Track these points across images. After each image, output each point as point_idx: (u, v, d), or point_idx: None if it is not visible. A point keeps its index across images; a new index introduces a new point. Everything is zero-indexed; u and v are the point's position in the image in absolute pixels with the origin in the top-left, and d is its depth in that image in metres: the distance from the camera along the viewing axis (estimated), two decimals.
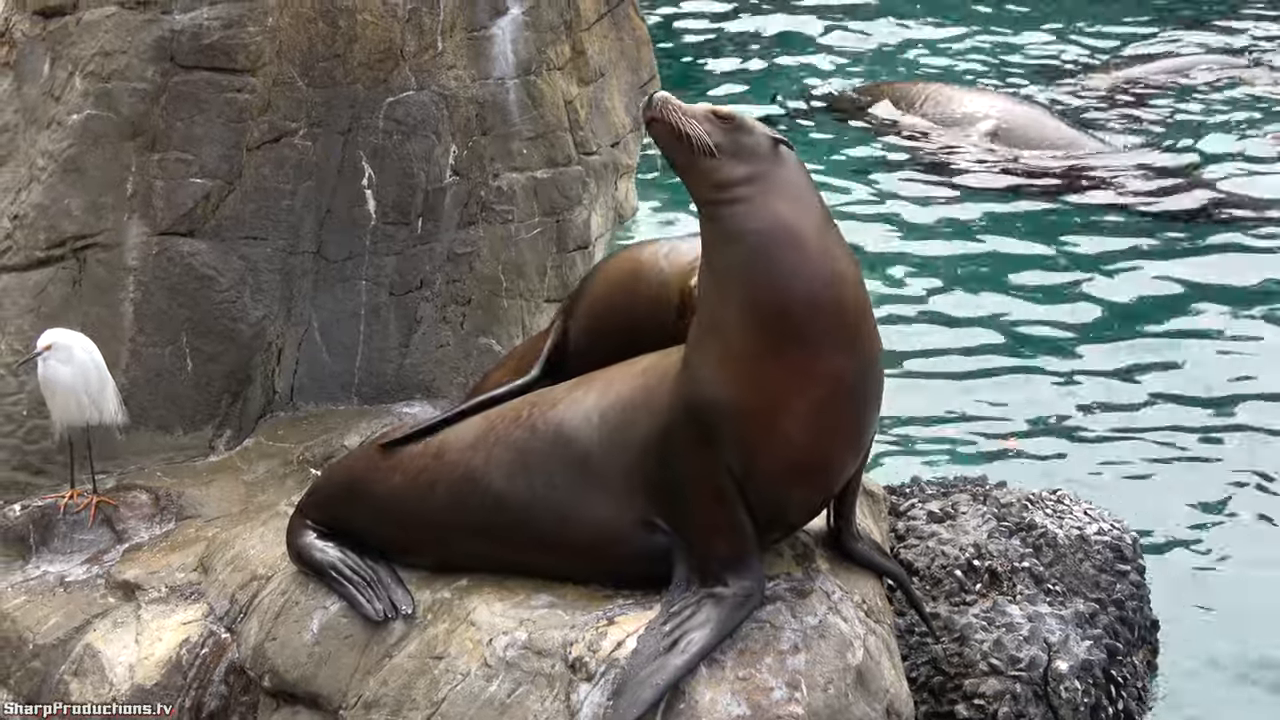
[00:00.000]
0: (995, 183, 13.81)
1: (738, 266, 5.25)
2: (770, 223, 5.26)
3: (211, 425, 7.52)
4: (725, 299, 5.27)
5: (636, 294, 5.97)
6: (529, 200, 7.98)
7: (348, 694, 5.71)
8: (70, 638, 6.41)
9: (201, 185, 7.32)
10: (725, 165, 5.32)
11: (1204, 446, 9.74)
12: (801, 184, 5.42)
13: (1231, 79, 16.23)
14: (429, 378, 7.86)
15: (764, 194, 5.31)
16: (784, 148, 5.43)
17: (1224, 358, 10.77)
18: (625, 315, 5.98)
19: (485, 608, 5.59)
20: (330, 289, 7.68)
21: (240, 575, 6.36)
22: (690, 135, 5.29)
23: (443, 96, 7.67)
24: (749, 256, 5.24)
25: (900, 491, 7.45)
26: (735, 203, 5.30)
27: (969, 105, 15.09)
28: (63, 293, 7.25)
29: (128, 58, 7.20)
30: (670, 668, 5.08)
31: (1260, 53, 17.03)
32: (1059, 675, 6.49)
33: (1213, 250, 12.44)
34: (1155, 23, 18.21)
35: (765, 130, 5.44)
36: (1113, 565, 7.03)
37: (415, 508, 5.89)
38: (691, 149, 5.31)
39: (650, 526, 5.40)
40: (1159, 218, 12.96)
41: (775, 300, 5.20)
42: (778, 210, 5.29)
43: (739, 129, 5.37)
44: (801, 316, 5.19)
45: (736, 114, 5.43)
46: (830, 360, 5.20)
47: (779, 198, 5.31)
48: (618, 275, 6.15)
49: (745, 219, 5.28)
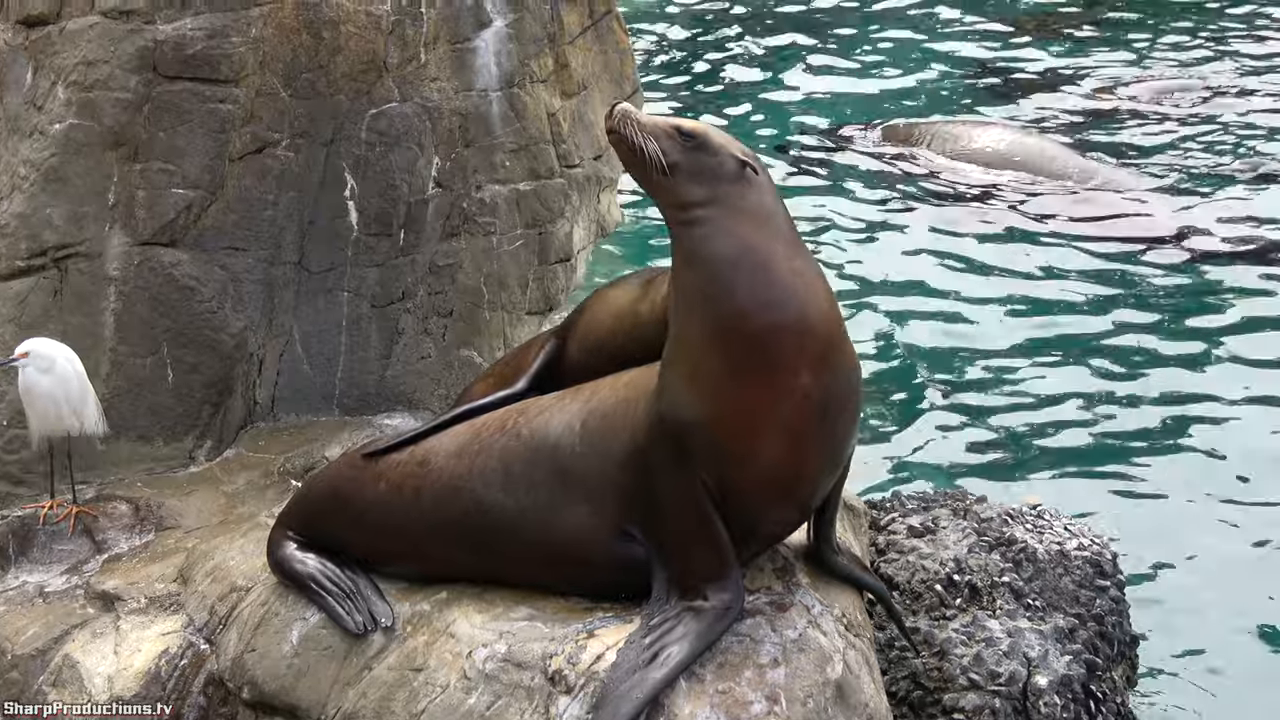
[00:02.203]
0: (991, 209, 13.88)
1: (699, 288, 5.23)
2: (730, 246, 5.21)
3: (192, 436, 7.51)
4: (689, 319, 5.26)
5: (638, 322, 5.95)
6: (511, 212, 7.97)
7: (327, 706, 5.70)
8: (49, 648, 6.39)
9: (183, 195, 7.31)
10: (682, 185, 5.26)
11: (1185, 464, 9.78)
12: (767, 206, 5.34)
13: (1236, 101, 16.33)
14: (410, 389, 7.85)
15: (725, 217, 5.25)
16: (750, 170, 5.34)
17: (1208, 378, 10.81)
18: (626, 340, 5.96)
19: (465, 620, 5.59)
20: (312, 300, 7.68)
21: (220, 586, 6.35)
22: (645, 151, 5.24)
23: (425, 108, 7.67)
24: (709, 279, 5.21)
25: (881, 506, 7.46)
26: (695, 224, 5.26)
27: (977, 140, 15.20)
28: (44, 302, 7.24)
29: (110, 67, 7.20)
30: (650, 681, 5.07)
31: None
32: (1038, 690, 6.50)
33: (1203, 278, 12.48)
34: (1166, 45, 18.28)
35: (732, 150, 5.35)
36: (1092, 580, 7.04)
37: (398, 516, 5.88)
38: (646, 165, 5.27)
39: (630, 538, 5.40)
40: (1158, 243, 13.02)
41: (735, 324, 5.17)
42: (739, 233, 5.23)
43: (700, 148, 5.30)
44: (763, 340, 5.16)
45: (701, 131, 5.35)
46: (797, 380, 5.17)
47: (741, 221, 5.25)
48: (621, 301, 6.13)
49: (705, 241, 5.24)
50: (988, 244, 13.03)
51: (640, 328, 5.88)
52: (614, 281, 6.39)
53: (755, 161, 5.39)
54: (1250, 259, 12.58)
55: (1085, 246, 12.92)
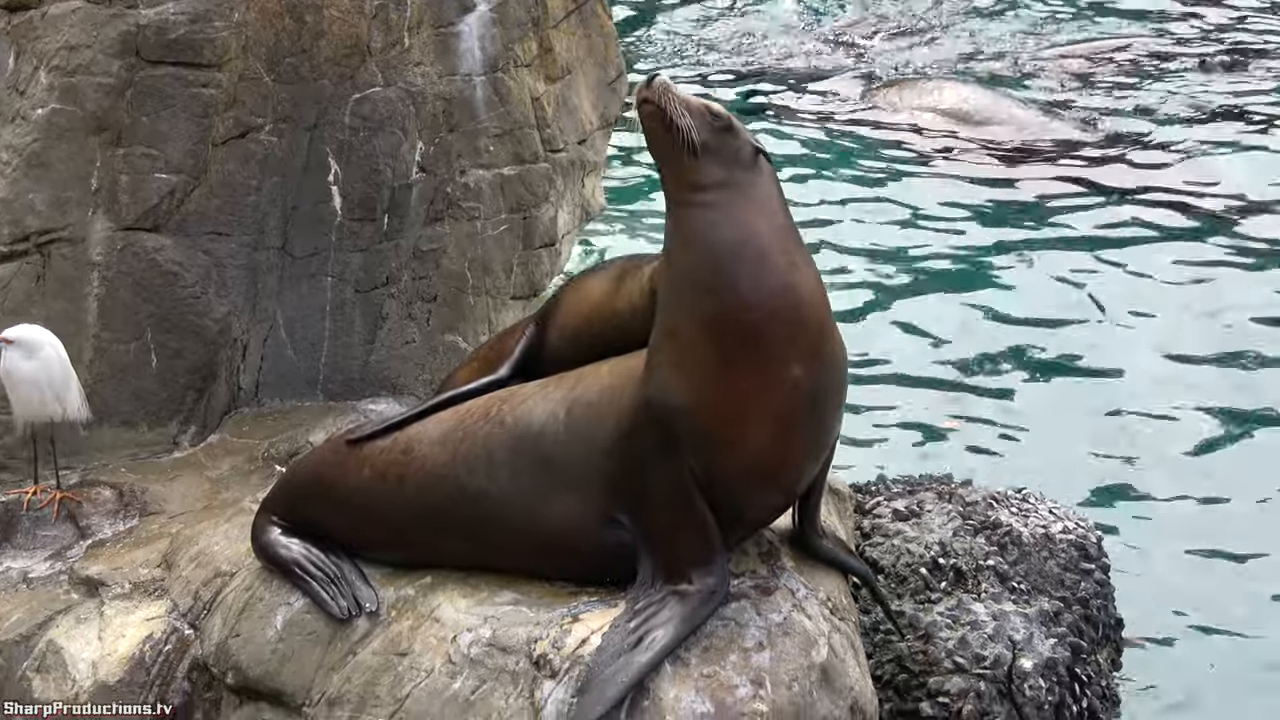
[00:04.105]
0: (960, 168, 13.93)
1: (695, 273, 5.22)
2: (734, 233, 5.21)
3: (176, 421, 7.49)
4: (681, 305, 5.25)
5: (614, 316, 5.94)
6: (496, 197, 7.96)
7: (311, 691, 5.70)
8: (33, 634, 6.37)
9: (166, 180, 7.29)
10: (704, 167, 5.24)
11: (1171, 446, 9.79)
12: (772, 196, 5.36)
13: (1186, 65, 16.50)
14: (394, 374, 7.85)
15: (733, 202, 5.25)
16: (763, 158, 5.38)
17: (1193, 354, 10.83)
18: (604, 328, 5.95)
19: (449, 605, 5.58)
20: (295, 285, 7.66)
21: (204, 572, 6.34)
22: (679, 128, 5.21)
23: (409, 93, 7.65)
24: (709, 265, 5.20)
25: (866, 489, 7.46)
26: (704, 206, 5.25)
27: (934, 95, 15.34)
28: (26, 288, 7.21)
29: (93, 52, 7.17)
30: (635, 665, 5.07)
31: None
32: (1023, 673, 6.51)
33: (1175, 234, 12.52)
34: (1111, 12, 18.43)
35: (749, 138, 5.39)
36: (1077, 564, 7.05)
37: (382, 502, 5.87)
38: (676, 142, 5.23)
39: (615, 523, 5.39)
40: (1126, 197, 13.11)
41: (733, 313, 5.17)
42: (745, 220, 5.24)
43: (728, 130, 5.31)
44: (758, 330, 5.15)
45: (728, 114, 5.36)
46: (788, 370, 5.17)
47: (748, 208, 5.26)
48: (595, 294, 6.12)
49: (711, 226, 5.23)
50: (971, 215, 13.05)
51: (617, 318, 5.86)
52: (587, 272, 6.37)
53: (765, 149, 5.42)
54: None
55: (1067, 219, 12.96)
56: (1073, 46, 17.20)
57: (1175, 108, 15.25)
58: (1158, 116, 15.05)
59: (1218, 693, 7.71)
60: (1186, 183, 13.46)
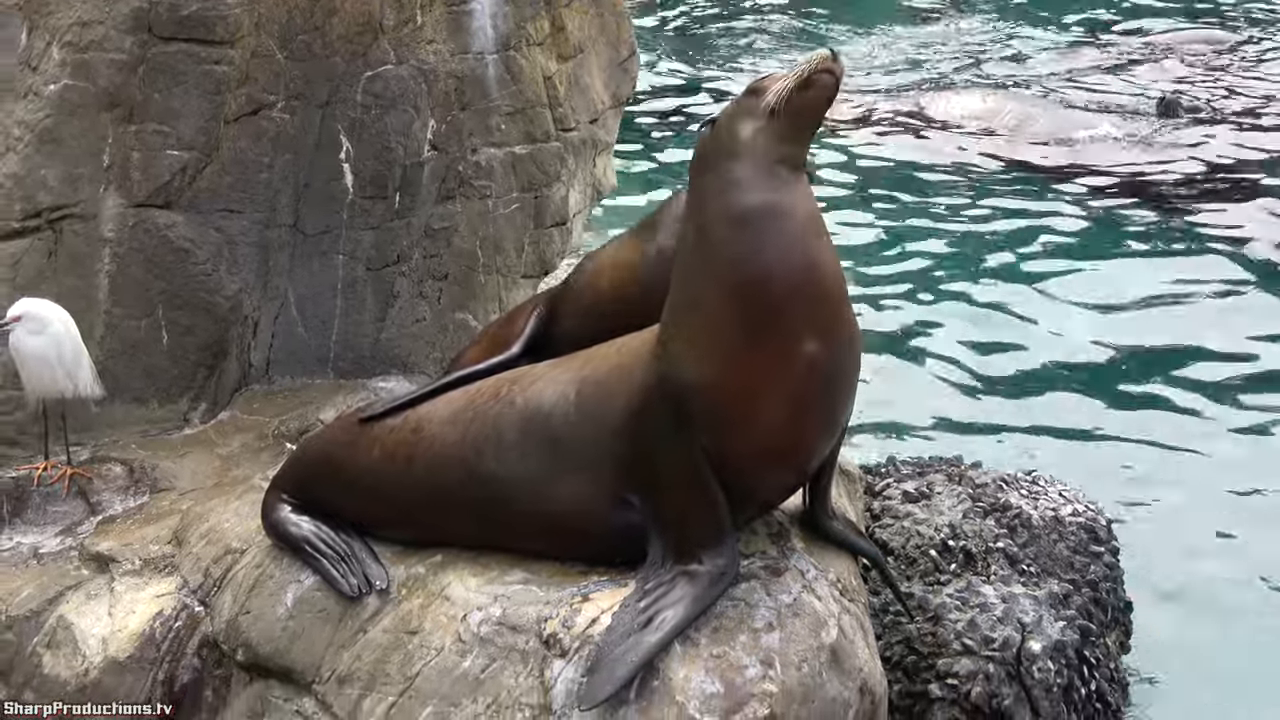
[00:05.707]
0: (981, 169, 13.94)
1: (727, 245, 5.22)
2: (774, 206, 5.24)
3: (187, 398, 7.50)
4: (707, 279, 5.25)
5: (629, 286, 5.94)
6: (507, 176, 7.96)
7: (321, 668, 5.71)
8: (43, 609, 6.38)
9: (178, 157, 7.28)
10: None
11: (1179, 429, 9.80)
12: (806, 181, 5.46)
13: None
14: (405, 352, 7.85)
15: (789, 181, 5.33)
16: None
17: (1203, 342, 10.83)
18: (617, 304, 5.95)
19: (460, 583, 5.59)
20: (307, 263, 7.66)
21: (214, 549, 6.35)
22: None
23: (421, 71, 7.64)
24: (745, 236, 5.21)
25: (876, 471, 7.47)
26: (767, 177, 5.29)
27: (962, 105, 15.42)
28: (38, 264, 7.21)
29: (105, 28, 7.16)
30: (644, 645, 5.07)
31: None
32: (1032, 656, 6.51)
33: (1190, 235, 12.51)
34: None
35: None
36: (1087, 547, 7.05)
37: (392, 482, 5.88)
38: (818, 121, 5.43)
39: (625, 504, 5.39)
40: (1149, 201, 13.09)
41: (757, 286, 5.17)
42: (786, 198, 5.28)
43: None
44: (780, 305, 5.16)
45: None
46: (807, 347, 5.17)
47: (795, 188, 5.34)
48: (612, 263, 6.12)
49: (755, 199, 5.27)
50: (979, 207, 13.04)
51: (629, 296, 5.87)
52: (606, 244, 6.38)
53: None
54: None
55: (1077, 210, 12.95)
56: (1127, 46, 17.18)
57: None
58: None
59: (1226, 677, 7.70)
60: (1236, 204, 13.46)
